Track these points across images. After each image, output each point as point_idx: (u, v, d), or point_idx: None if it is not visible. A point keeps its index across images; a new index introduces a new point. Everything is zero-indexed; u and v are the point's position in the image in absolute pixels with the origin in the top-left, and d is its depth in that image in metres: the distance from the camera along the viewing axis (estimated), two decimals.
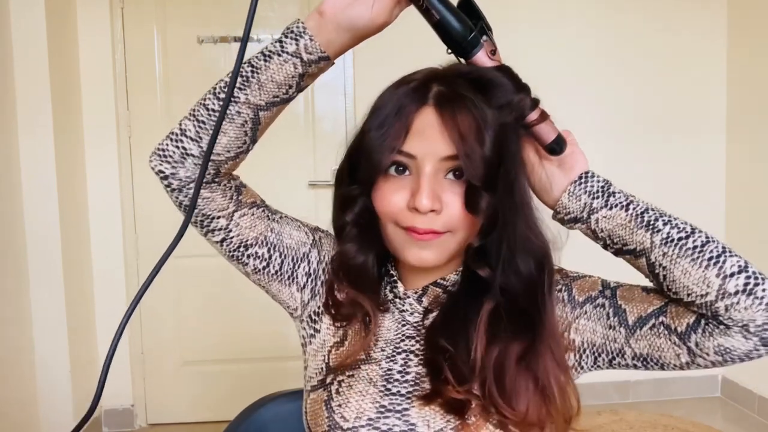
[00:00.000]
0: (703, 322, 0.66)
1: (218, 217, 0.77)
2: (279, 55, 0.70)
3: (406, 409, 0.73)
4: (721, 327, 0.64)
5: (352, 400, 0.75)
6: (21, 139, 2.26)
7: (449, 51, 0.71)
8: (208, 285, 2.65)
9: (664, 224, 0.68)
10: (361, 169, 0.74)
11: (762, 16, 2.67)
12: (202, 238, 0.81)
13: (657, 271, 0.68)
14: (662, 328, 0.68)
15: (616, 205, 0.70)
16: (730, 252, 0.65)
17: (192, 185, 0.75)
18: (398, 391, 0.75)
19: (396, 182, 0.72)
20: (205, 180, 0.74)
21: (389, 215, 0.73)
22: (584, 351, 0.74)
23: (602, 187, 0.72)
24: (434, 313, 0.78)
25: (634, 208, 0.70)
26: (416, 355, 0.77)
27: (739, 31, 2.80)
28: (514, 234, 0.71)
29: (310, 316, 0.83)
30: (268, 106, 0.72)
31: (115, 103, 2.60)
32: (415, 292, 0.80)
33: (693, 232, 0.67)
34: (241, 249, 0.79)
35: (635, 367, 0.72)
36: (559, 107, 0.76)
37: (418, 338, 0.78)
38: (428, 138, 0.70)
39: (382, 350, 0.78)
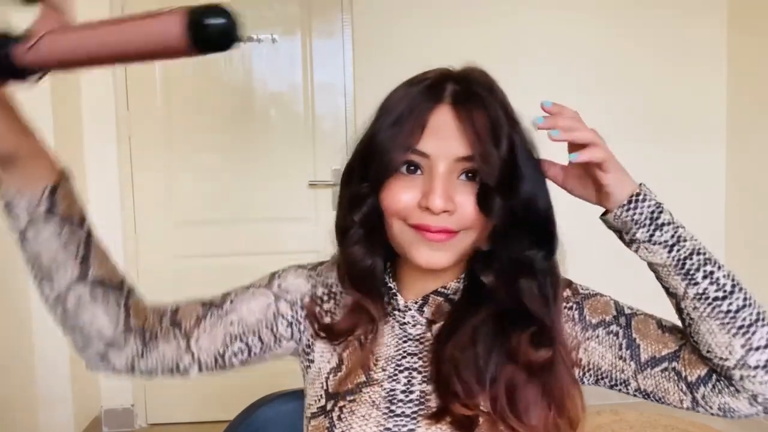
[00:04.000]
0: (714, 377, 0.66)
1: (180, 360, 0.77)
2: None
3: (413, 430, 0.71)
4: (731, 389, 0.65)
5: (355, 426, 0.72)
6: None
7: None
8: (209, 285, 2.64)
9: (704, 277, 0.65)
10: (372, 168, 0.70)
11: (762, 17, 2.67)
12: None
13: (684, 317, 0.68)
14: (673, 373, 0.68)
15: (660, 243, 0.66)
16: (763, 321, 0.64)
17: (135, 359, 0.75)
18: (403, 412, 0.72)
19: (407, 181, 0.69)
20: (144, 349, 0.75)
21: (398, 212, 0.69)
22: (588, 371, 0.74)
23: (651, 213, 0.66)
24: (438, 324, 0.75)
25: (678, 251, 0.66)
26: (419, 372, 0.74)
27: (739, 31, 2.80)
28: (524, 238, 0.70)
29: (303, 350, 0.82)
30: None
31: (115, 103, 2.60)
32: (416, 302, 0.76)
33: (731, 293, 0.65)
34: (218, 360, 0.79)
35: (634, 396, 0.73)
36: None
37: (420, 355, 0.75)
38: (444, 137, 0.68)
39: (383, 370, 0.75)
